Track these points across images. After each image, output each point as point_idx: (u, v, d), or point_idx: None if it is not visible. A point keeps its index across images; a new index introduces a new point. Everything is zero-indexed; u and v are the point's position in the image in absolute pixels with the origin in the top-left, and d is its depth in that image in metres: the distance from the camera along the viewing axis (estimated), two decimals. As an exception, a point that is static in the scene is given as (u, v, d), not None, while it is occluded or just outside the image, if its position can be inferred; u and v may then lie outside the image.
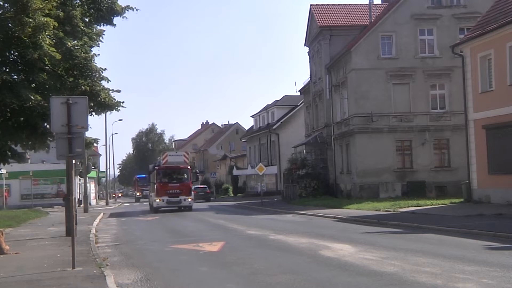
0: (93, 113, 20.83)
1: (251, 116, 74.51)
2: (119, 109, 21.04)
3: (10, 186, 50.05)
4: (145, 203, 57.18)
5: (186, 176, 37.66)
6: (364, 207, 28.28)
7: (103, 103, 20.10)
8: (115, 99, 20.86)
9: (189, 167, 38.26)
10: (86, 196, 43.75)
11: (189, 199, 37.17)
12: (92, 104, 19.10)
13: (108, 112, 22.73)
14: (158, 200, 36.55)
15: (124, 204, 64.77)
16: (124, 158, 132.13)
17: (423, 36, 37.26)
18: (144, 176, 71.05)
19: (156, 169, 38.37)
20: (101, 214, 36.88)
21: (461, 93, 28.25)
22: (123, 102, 21.18)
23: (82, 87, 19.10)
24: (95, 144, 25.72)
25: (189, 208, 37.03)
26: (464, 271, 10.16)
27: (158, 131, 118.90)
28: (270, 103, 68.99)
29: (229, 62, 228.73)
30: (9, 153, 20.85)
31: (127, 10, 20.67)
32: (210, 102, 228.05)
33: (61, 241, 17.91)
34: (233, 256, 13.58)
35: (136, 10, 21.03)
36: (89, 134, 22.52)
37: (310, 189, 41.90)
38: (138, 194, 75.07)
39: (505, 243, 13.97)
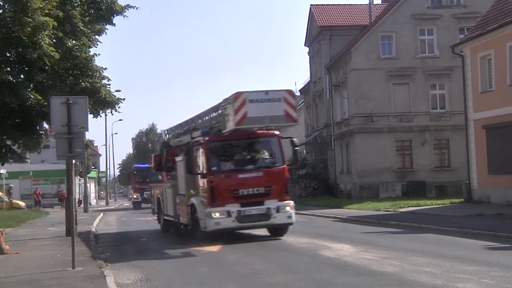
0: (94, 112, 20.79)
1: (251, 116, 74.42)
2: (119, 107, 21.04)
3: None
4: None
5: (274, 155, 17.19)
6: (364, 207, 28.27)
7: (104, 100, 20.12)
8: (115, 96, 20.92)
9: (277, 132, 17.31)
10: (86, 196, 43.78)
11: (288, 207, 16.61)
12: (91, 103, 19.13)
13: (108, 112, 22.72)
14: (217, 215, 15.97)
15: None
16: (124, 158, 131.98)
17: (423, 36, 37.26)
18: (146, 165, 44.95)
19: (204, 142, 16.88)
20: (101, 214, 36.86)
21: (461, 93, 28.22)
22: (123, 99, 21.24)
23: (83, 83, 19.14)
24: (91, 146, 25.72)
25: (283, 229, 17.16)
26: (464, 271, 10.15)
27: (158, 131, 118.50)
28: (270, 103, 68.89)
29: (229, 62, 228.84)
30: (8, 153, 20.90)
31: (127, 9, 20.69)
32: (210, 102, 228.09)
33: (61, 241, 17.90)
34: (233, 256, 13.58)
35: (136, 8, 21.05)
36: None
37: (310, 189, 41.88)
38: (135, 196, 47.88)
39: (505, 243, 13.96)
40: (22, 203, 43.15)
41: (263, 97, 16.08)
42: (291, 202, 16.93)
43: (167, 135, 23.55)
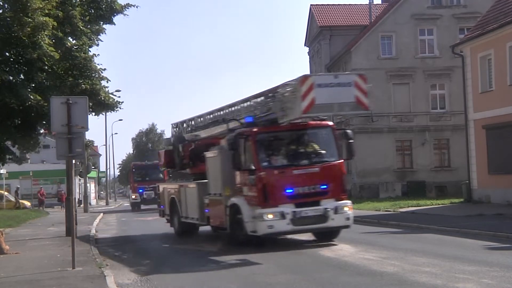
0: (93, 113, 20.84)
1: (251, 116, 74.36)
2: (118, 109, 21.12)
3: (10, 186, 50.07)
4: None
5: (329, 148, 15.33)
6: (364, 207, 28.25)
7: (103, 103, 20.16)
8: (114, 99, 20.94)
9: (330, 123, 16.07)
10: (86, 196, 43.76)
11: (346, 208, 15.00)
12: (91, 104, 19.14)
13: (108, 112, 22.78)
14: (270, 216, 14.05)
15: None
16: (124, 158, 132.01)
17: (423, 36, 37.30)
18: (152, 163, 42.61)
19: (252, 133, 14.73)
20: (101, 214, 36.82)
21: (461, 93, 28.24)
22: (122, 102, 21.25)
23: (83, 85, 19.16)
24: (91, 146, 25.72)
25: (335, 232, 15.44)
26: (464, 271, 10.15)
27: (158, 131, 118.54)
28: (270, 103, 68.84)
29: (229, 62, 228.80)
30: (8, 155, 20.93)
31: (127, 8, 20.69)
32: (210, 102, 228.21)
33: (61, 241, 17.89)
34: (233, 255, 13.57)
35: (136, 7, 21.05)
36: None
37: (310, 189, 41.81)
38: (134, 196, 43.07)
39: (505, 243, 13.96)
40: (28, 203, 43.40)
41: (332, 81, 14.18)
42: (349, 202, 15.23)
43: (176, 129, 21.31)
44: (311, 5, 46.41)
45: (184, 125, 20.68)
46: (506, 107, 24.21)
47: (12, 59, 18.73)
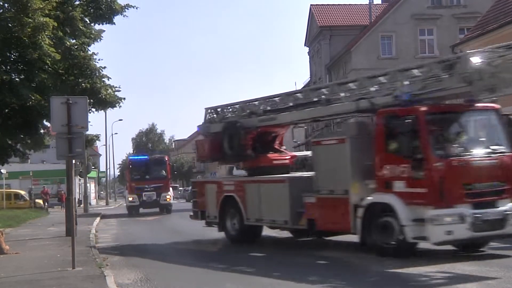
0: (94, 110, 20.87)
1: (251, 116, 74.36)
2: (121, 106, 21.09)
3: (10, 186, 50.08)
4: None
5: (499, 136, 12.36)
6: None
7: (104, 100, 20.16)
8: (115, 96, 20.92)
9: (497, 106, 12.96)
10: (86, 196, 43.76)
11: None
12: (92, 101, 19.13)
13: (109, 110, 22.75)
14: (448, 220, 11.00)
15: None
16: (124, 158, 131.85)
17: (423, 36, 37.34)
18: (145, 157, 36.64)
19: (421, 112, 11.53)
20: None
21: (461, 93, 28.24)
22: (124, 99, 21.22)
23: (83, 84, 19.17)
24: (97, 141, 25.64)
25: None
26: (464, 271, 10.16)
27: (158, 131, 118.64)
28: (270, 103, 68.85)
29: (229, 62, 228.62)
30: (11, 152, 20.93)
31: (127, 9, 20.67)
32: (210, 102, 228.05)
33: (61, 241, 17.88)
34: (233, 255, 13.58)
35: (136, 8, 21.04)
36: (90, 131, 21.07)
37: (310, 189, 41.66)
38: (131, 198, 34.63)
39: (505, 243, 13.94)
40: (42, 203, 43.81)
41: None
42: None
43: (214, 114, 17.81)
44: (311, 5, 46.48)
45: (236, 108, 17.25)
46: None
47: (12, 59, 18.74)
